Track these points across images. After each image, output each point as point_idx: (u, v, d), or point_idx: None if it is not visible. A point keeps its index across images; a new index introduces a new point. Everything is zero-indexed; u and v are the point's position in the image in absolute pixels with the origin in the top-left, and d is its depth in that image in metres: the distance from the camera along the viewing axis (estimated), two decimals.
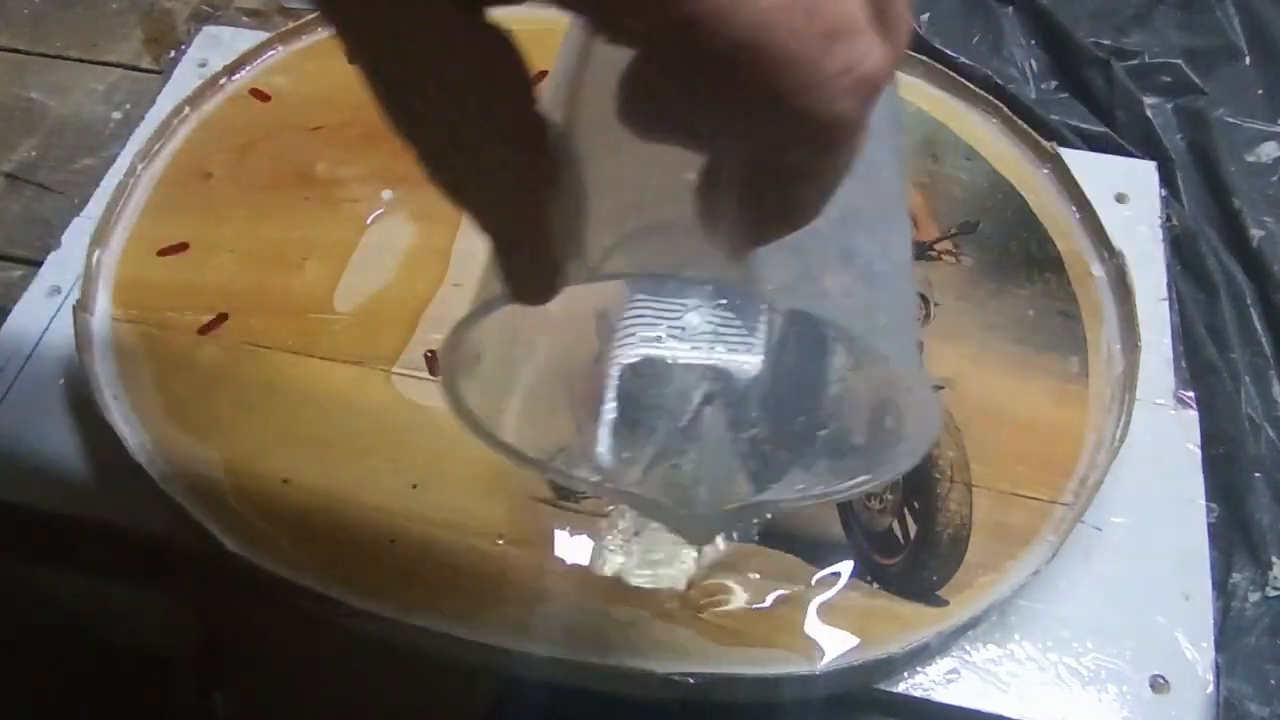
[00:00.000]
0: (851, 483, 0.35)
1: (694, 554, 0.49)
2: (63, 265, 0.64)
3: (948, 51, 0.74)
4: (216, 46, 0.76)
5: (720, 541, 0.49)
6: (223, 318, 0.60)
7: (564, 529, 0.51)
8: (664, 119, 0.21)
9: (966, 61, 0.74)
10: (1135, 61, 0.74)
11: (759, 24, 0.17)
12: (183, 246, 0.63)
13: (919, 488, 0.52)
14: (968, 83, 0.69)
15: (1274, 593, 0.54)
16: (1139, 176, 0.67)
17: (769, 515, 0.48)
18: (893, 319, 0.29)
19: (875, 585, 0.50)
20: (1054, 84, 0.76)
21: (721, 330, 0.43)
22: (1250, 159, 0.71)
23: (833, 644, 0.48)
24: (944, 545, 0.51)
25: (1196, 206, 0.70)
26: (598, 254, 0.26)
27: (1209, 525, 0.54)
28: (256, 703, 0.61)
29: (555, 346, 0.43)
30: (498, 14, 0.24)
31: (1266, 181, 0.70)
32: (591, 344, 0.58)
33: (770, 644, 0.48)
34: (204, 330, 0.59)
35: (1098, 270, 0.61)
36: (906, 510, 0.52)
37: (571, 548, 0.51)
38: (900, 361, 0.30)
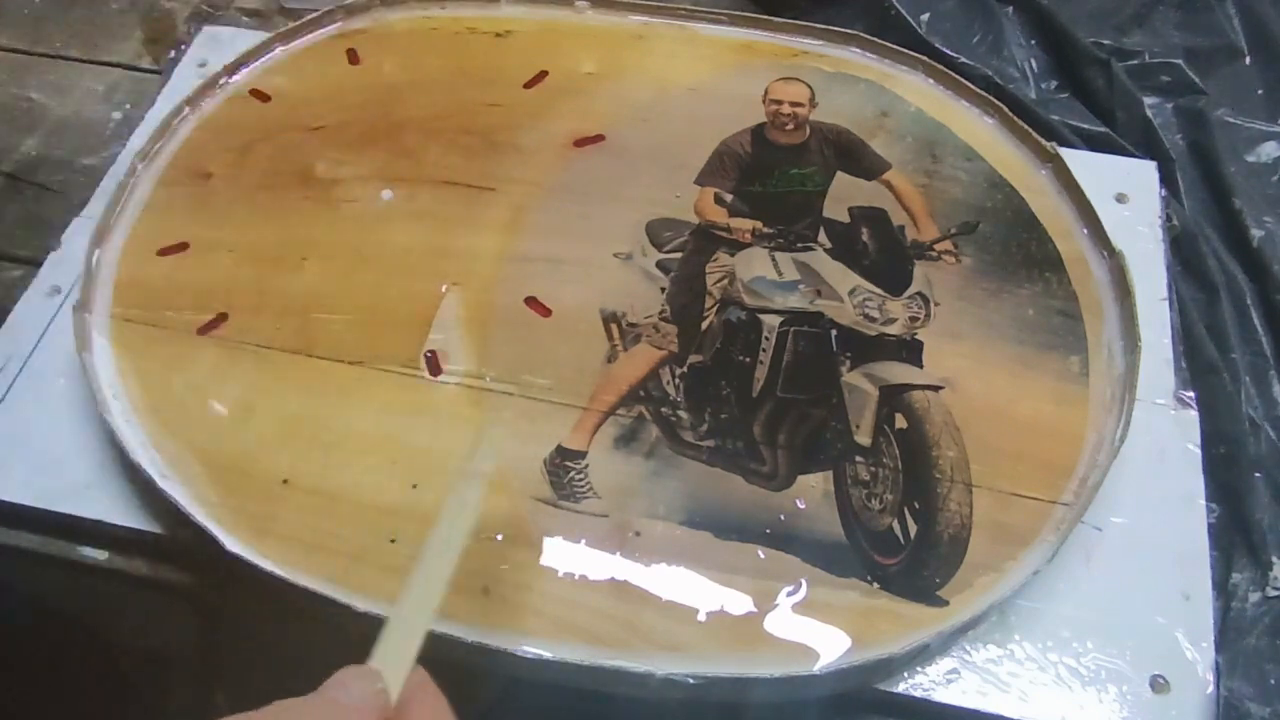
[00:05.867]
0: None
1: None
2: (63, 265, 0.64)
3: (948, 51, 0.74)
4: (216, 46, 0.76)
5: None
6: (223, 318, 0.60)
7: (563, 529, 0.51)
8: None
9: (966, 61, 0.74)
10: (1135, 61, 0.74)
11: None
12: (183, 246, 0.63)
13: (919, 488, 0.52)
14: (968, 83, 0.69)
15: (1274, 593, 0.54)
16: (1139, 176, 0.67)
17: None
18: None
19: (875, 585, 0.50)
20: (1054, 84, 0.76)
21: None
22: (1250, 159, 0.71)
23: (834, 644, 0.48)
24: (944, 545, 0.51)
25: (1196, 206, 0.70)
26: None
27: (1209, 525, 0.54)
28: (256, 703, 0.61)
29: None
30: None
31: (1266, 181, 0.70)
32: (602, 344, 0.58)
33: (770, 644, 0.48)
34: (204, 330, 0.59)
35: (1098, 270, 0.61)
36: (906, 510, 0.52)
37: (571, 548, 0.51)
38: None
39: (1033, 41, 0.77)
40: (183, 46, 0.77)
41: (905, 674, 0.49)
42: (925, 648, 0.48)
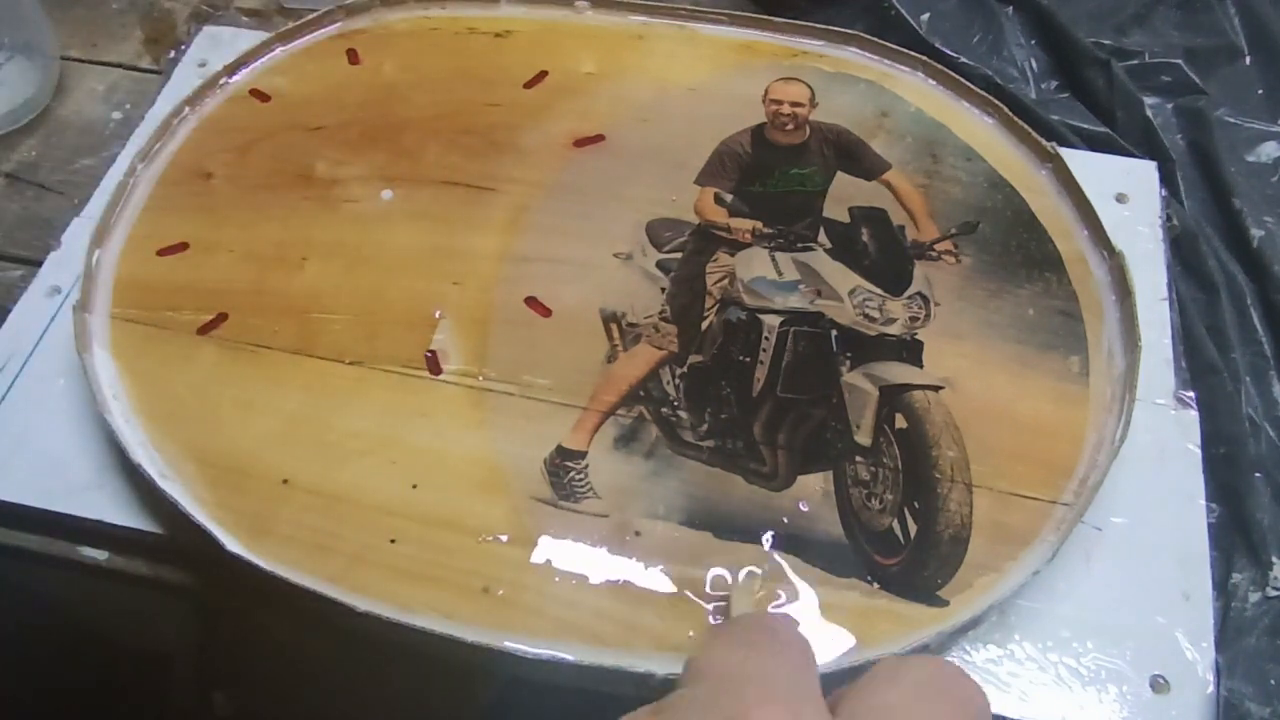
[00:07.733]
0: None
1: None
2: (63, 265, 0.64)
3: (948, 51, 0.74)
4: (216, 46, 0.76)
5: None
6: (222, 317, 0.60)
7: (563, 529, 0.51)
8: None
9: (966, 61, 0.74)
10: (1135, 61, 0.74)
11: None
12: (183, 246, 0.63)
13: (919, 488, 0.52)
14: (968, 83, 0.69)
15: (1274, 593, 0.54)
16: (1139, 176, 0.67)
17: None
18: None
19: (875, 585, 0.50)
20: (1054, 84, 0.76)
21: None
22: (1250, 159, 0.71)
23: (833, 644, 0.48)
24: (944, 545, 0.51)
25: (1196, 206, 0.70)
26: None
27: (1209, 525, 0.54)
28: (256, 703, 0.61)
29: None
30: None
31: (1266, 181, 0.70)
32: (602, 344, 0.58)
33: None
34: (204, 330, 0.59)
35: (1098, 270, 0.61)
36: (906, 510, 0.52)
37: (571, 547, 0.51)
38: None
39: (1033, 41, 0.77)
40: (183, 46, 0.77)
41: None
42: (925, 648, 0.48)
